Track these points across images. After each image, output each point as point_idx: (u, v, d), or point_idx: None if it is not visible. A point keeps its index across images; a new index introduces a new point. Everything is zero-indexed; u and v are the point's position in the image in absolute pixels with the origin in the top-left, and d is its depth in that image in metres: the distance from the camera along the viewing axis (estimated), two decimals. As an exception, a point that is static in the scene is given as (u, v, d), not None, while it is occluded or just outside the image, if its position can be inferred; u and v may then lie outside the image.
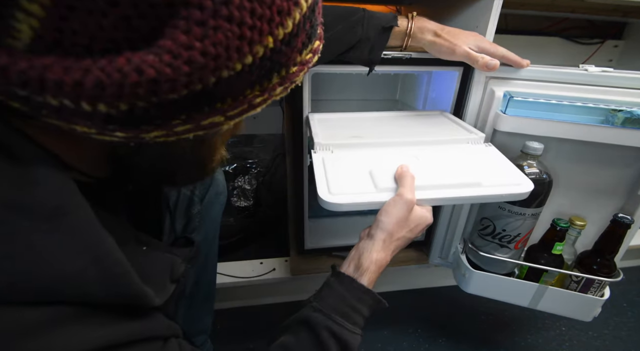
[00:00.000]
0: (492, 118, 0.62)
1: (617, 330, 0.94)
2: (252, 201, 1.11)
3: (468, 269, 0.71)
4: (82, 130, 0.21)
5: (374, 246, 0.43)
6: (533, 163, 0.60)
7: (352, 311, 0.38)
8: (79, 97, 0.18)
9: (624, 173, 0.64)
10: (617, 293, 1.02)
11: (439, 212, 0.79)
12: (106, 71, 0.17)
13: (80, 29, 0.17)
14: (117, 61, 0.17)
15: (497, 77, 0.61)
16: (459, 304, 1.00)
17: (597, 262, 0.65)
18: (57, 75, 0.17)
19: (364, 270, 0.41)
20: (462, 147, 0.59)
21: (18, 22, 0.16)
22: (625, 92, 0.58)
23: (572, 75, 0.59)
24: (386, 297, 0.44)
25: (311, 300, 0.39)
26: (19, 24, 0.16)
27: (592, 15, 0.91)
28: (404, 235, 0.43)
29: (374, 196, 0.45)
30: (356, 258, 0.43)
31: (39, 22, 0.16)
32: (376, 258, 0.42)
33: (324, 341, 0.35)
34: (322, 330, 0.35)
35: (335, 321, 0.36)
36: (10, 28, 0.16)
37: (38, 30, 0.17)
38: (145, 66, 0.18)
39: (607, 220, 0.64)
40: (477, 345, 0.90)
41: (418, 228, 0.44)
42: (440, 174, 0.49)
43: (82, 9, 0.16)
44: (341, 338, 0.36)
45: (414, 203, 0.43)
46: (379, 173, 0.48)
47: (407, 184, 0.44)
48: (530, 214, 0.62)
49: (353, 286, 0.40)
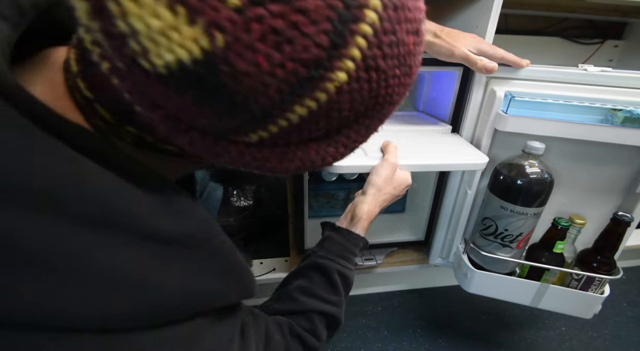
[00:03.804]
0: (493, 118, 0.62)
1: (617, 329, 0.94)
2: (252, 201, 1.11)
3: (470, 269, 0.71)
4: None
5: (366, 199, 0.52)
6: (534, 163, 0.61)
7: (350, 255, 0.48)
8: (278, 174, 0.23)
9: (623, 172, 0.65)
10: (617, 292, 1.03)
11: (439, 212, 0.79)
12: (303, 160, 0.23)
13: (294, 136, 0.21)
14: (310, 153, 0.23)
15: (497, 77, 0.61)
16: (459, 304, 1.00)
17: (597, 259, 0.65)
18: (272, 165, 0.22)
19: (357, 220, 0.50)
20: (433, 134, 0.72)
21: (254, 134, 0.20)
22: (624, 91, 0.58)
23: (572, 75, 0.59)
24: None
25: (315, 250, 0.47)
26: (253, 135, 0.20)
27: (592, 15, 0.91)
28: (389, 191, 0.53)
29: (365, 160, 0.56)
30: (352, 210, 0.52)
31: (270, 135, 0.20)
32: (367, 209, 0.51)
33: (334, 280, 0.44)
34: (332, 272, 0.44)
35: (340, 264, 0.46)
36: (246, 134, 0.20)
37: (265, 138, 0.21)
38: (327, 155, 0.23)
39: (606, 218, 0.64)
40: (477, 345, 0.89)
41: (401, 186, 0.55)
42: (416, 149, 0.62)
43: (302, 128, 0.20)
44: (345, 276, 0.45)
45: (397, 166, 0.55)
46: (368, 146, 0.59)
47: (391, 151, 0.56)
48: (532, 214, 0.62)
49: (351, 236, 0.49)
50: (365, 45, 0.17)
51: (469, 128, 0.68)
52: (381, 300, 1.01)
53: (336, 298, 0.44)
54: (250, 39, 0.15)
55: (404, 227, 0.93)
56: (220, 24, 0.15)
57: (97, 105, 0.22)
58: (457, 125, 0.71)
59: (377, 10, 0.17)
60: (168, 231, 0.23)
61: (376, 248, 0.88)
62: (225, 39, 0.15)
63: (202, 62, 0.16)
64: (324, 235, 0.50)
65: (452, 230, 0.79)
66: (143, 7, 0.15)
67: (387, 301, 1.00)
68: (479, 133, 0.67)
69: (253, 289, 0.31)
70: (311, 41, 0.16)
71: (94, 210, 0.20)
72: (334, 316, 0.42)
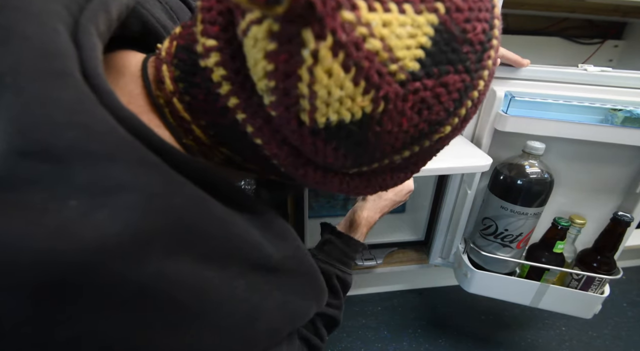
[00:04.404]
0: (493, 118, 0.62)
1: (617, 329, 0.94)
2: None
3: (470, 269, 0.71)
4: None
5: (366, 205, 0.52)
6: (535, 163, 0.61)
7: (349, 260, 0.49)
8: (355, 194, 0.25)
9: (623, 172, 0.65)
10: (617, 293, 1.03)
11: (439, 212, 0.79)
12: (381, 184, 0.25)
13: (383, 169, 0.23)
14: (386, 178, 0.25)
15: (497, 77, 0.61)
16: (459, 304, 1.00)
17: (597, 259, 0.65)
18: (359, 190, 0.24)
19: (357, 226, 0.51)
20: None
21: (357, 169, 0.22)
22: (624, 91, 0.58)
23: (572, 75, 0.59)
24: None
25: (315, 254, 0.48)
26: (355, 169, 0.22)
27: (592, 15, 0.91)
28: (390, 197, 0.53)
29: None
30: (351, 215, 0.52)
31: (369, 170, 0.22)
32: (367, 215, 0.51)
33: (334, 285, 0.45)
34: (332, 277, 0.45)
35: (339, 269, 0.46)
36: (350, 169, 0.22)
37: (363, 172, 0.23)
38: (398, 180, 0.26)
39: (605, 218, 0.64)
40: (477, 345, 0.89)
41: (402, 192, 0.54)
42: None
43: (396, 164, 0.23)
44: (345, 281, 0.46)
45: None
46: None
47: None
48: (532, 214, 0.62)
49: (351, 242, 0.49)
50: (470, 105, 0.21)
51: (469, 128, 0.68)
52: (381, 300, 1.00)
53: (336, 301, 0.45)
54: (404, 107, 0.18)
55: (404, 227, 0.93)
56: (388, 96, 0.17)
57: (193, 126, 0.22)
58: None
59: (485, 79, 0.20)
60: (273, 257, 0.24)
61: (376, 248, 0.88)
62: (386, 106, 0.17)
63: (359, 122, 0.17)
64: (324, 238, 0.51)
65: (452, 230, 0.79)
66: (332, 79, 0.16)
67: (387, 301, 1.00)
68: (479, 133, 0.67)
69: (324, 302, 0.32)
70: (442, 107, 0.19)
71: (218, 245, 0.20)
72: (334, 318, 0.44)
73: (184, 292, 0.19)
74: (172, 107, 0.22)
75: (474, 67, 0.19)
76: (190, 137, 0.22)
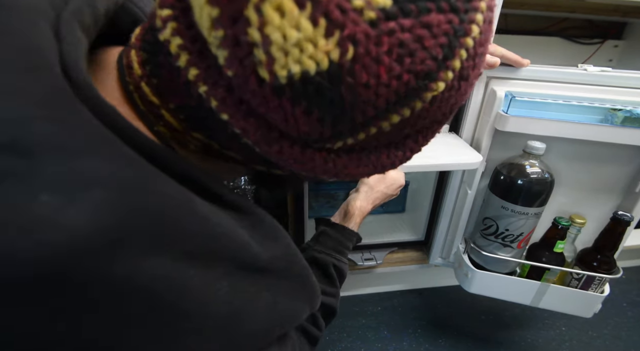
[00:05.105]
0: (493, 118, 0.62)
1: (616, 329, 0.94)
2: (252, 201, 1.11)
3: (470, 269, 0.71)
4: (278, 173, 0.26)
5: (359, 196, 0.54)
6: (535, 163, 0.61)
7: (345, 249, 0.50)
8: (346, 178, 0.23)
9: (623, 171, 0.65)
10: (617, 292, 1.03)
11: (440, 212, 0.79)
12: (375, 164, 0.23)
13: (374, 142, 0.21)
14: (382, 157, 0.22)
15: (497, 77, 0.62)
16: (459, 304, 1.00)
17: (598, 259, 0.65)
18: (350, 170, 0.22)
19: (350, 216, 0.52)
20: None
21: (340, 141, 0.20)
22: (624, 91, 0.58)
23: (572, 74, 0.59)
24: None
25: (311, 245, 0.49)
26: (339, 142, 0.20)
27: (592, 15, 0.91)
28: (381, 189, 0.55)
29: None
30: (345, 206, 0.54)
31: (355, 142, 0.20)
32: (360, 205, 0.53)
33: (331, 273, 0.46)
34: (329, 266, 0.46)
35: (335, 258, 0.47)
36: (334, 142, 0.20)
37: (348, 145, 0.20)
38: (396, 159, 0.23)
39: (605, 218, 0.64)
40: (477, 345, 0.89)
41: (393, 185, 0.56)
42: None
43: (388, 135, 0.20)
44: (340, 269, 0.47)
45: None
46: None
47: None
48: (533, 213, 0.63)
49: (345, 231, 0.51)
50: (465, 56, 0.18)
51: (469, 128, 0.68)
52: (381, 300, 1.00)
53: (333, 289, 0.46)
54: (378, 52, 0.15)
55: (404, 227, 0.93)
56: (356, 38, 0.15)
57: (163, 111, 0.21)
58: (457, 125, 0.71)
59: (480, 25, 0.18)
60: (260, 258, 0.23)
61: (376, 248, 0.88)
62: (356, 51, 0.15)
63: (326, 73, 0.15)
64: (319, 229, 0.52)
65: (452, 230, 0.79)
66: (286, 18, 0.14)
67: (387, 301, 1.00)
68: (479, 133, 0.67)
69: (317, 304, 0.31)
70: (428, 54, 0.16)
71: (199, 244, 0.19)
72: (331, 307, 0.44)
73: (164, 291, 0.17)
74: (140, 92, 0.21)
75: (462, 6, 0.16)
76: (161, 123, 0.21)
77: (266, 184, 0.40)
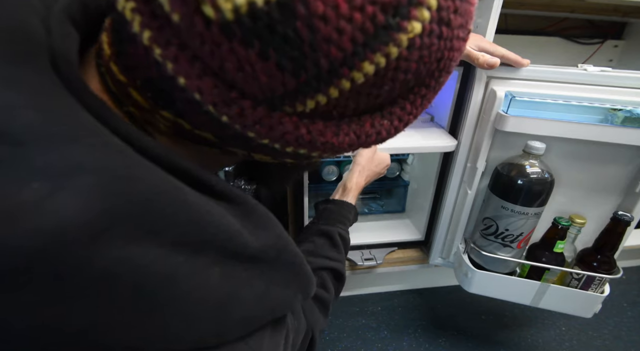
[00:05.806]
0: (493, 118, 0.62)
1: (616, 329, 0.94)
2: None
3: (470, 269, 0.71)
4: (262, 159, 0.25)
5: (354, 173, 0.61)
6: (535, 163, 0.61)
7: (346, 221, 0.55)
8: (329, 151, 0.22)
9: (623, 171, 0.65)
10: (617, 292, 1.03)
11: (439, 212, 0.79)
12: (358, 134, 0.21)
13: (351, 102, 0.19)
14: (365, 126, 0.21)
15: (497, 76, 0.61)
16: (459, 304, 1.00)
17: (598, 259, 0.65)
18: (326, 139, 0.20)
19: (349, 190, 0.59)
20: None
21: (311, 100, 0.18)
22: (624, 91, 0.58)
23: (572, 75, 0.59)
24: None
25: (316, 221, 0.54)
26: (311, 101, 0.18)
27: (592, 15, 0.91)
28: (372, 168, 0.62)
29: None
30: (343, 184, 0.61)
31: (327, 101, 0.18)
32: (356, 180, 0.60)
33: (337, 241, 0.50)
34: (335, 235, 0.51)
35: (339, 228, 0.53)
36: (303, 101, 0.18)
37: (322, 106, 0.19)
38: (382, 129, 0.22)
39: (605, 218, 0.64)
40: (477, 345, 0.89)
41: (382, 164, 0.64)
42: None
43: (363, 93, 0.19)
44: (345, 237, 0.53)
45: (376, 147, 0.63)
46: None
47: None
48: (533, 213, 0.63)
49: (345, 204, 0.57)
50: None
51: (469, 128, 0.68)
52: (381, 300, 1.01)
53: (339, 255, 0.50)
54: None
55: (404, 226, 0.93)
56: None
57: (131, 90, 0.20)
58: (457, 125, 0.71)
59: None
60: (251, 246, 0.23)
61: (376, 248, 0.88)
62: None
63: (275, 4, 0.14)
64: (321, 207, 0.57)
65: (452, 230, 0.79)
66: None
67: (387, 301, 1.00)
68: (479, 133, 0.67)
69: (312, 292, 0.31)
70: None
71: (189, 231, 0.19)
72: (338, 271, 0.48)
73: (151, 278, 0.17)
74: (110, 73, 0.21)
75: None
76: (130, 102, 0.21)
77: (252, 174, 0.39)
